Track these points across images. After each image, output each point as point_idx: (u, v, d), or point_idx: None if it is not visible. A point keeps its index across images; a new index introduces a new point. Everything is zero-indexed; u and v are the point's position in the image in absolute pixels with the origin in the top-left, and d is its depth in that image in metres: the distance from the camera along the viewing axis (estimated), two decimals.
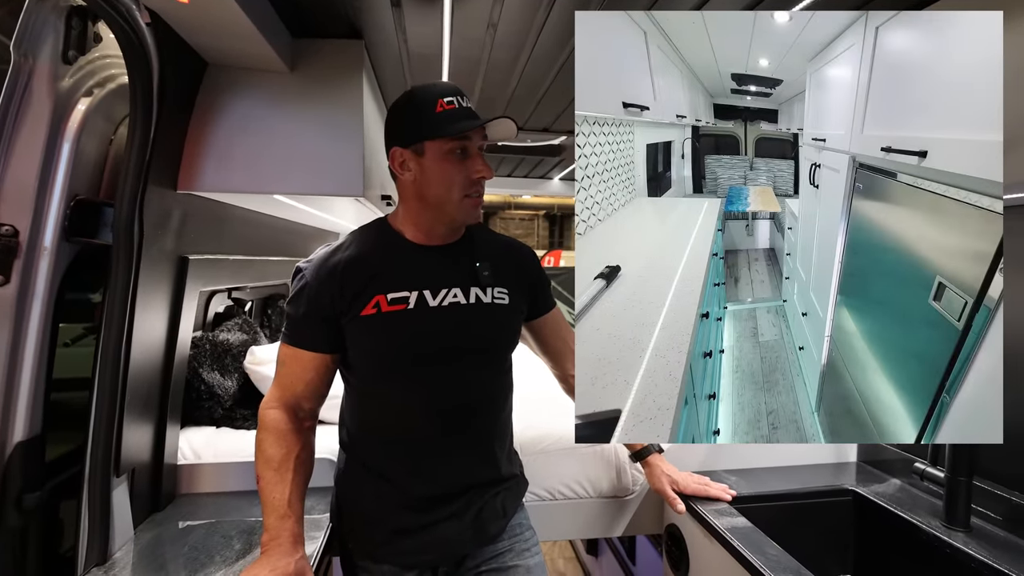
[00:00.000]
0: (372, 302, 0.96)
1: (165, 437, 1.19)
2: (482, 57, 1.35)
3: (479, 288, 1.02)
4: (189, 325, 1.24)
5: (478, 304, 1.01)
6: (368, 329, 0.96)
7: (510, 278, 1.06)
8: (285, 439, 0.97)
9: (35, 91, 0.94)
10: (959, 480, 1.13)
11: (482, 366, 1.03)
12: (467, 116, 0.95)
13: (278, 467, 0.95)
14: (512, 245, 1.14)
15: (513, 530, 1.09)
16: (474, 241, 1.07)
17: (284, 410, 0.99)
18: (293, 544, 0.91)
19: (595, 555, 2.61)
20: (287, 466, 0.95)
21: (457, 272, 1.01)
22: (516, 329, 1.09)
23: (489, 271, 1.03)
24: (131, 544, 1.06)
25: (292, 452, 0.97)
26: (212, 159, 1.16)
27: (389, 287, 0.97)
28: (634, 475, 1.43)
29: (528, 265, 1.12)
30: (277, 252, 1.81)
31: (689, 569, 1.27)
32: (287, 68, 1.18)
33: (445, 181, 0.96)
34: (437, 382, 0.98)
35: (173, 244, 1.15)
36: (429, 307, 0.97)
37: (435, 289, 0.99)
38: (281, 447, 0.96)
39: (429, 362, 0.98)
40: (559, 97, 1.63)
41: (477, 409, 1.03)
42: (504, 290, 1.04)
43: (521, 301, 1.09)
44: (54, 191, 0.98)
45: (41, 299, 0.97)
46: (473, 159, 0.97)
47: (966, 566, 1.05)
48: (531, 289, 1.11)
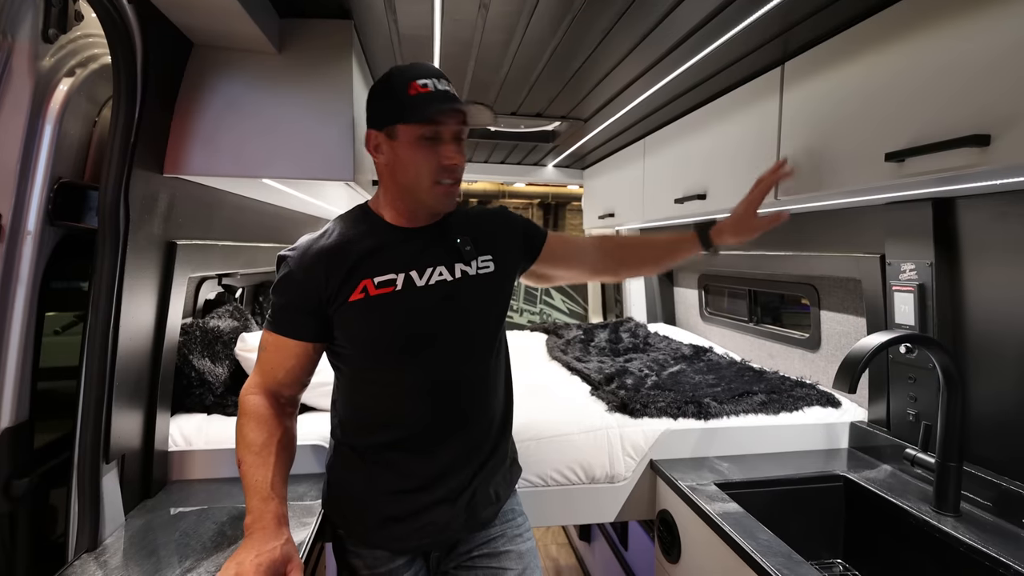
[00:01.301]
0: (359, 287, 0.95)
1: (155, 424, 1.18)
2: (474, 39, 1.32)
3: (463, 263, 1.02)
4: (178, 311, 1.23)
5: (464, 278, 1.01)
6: (357, 314, 0.95)
7: (492, 243, 1.07)
8: (266, 424, 0.96)
9: (15, 70, 0.92)
10: (949, 466, 1.13)
11: (474, 341, 1.03)
12: (441, 100, 0.92)
13: (259, 451, 0.94)
14: (483, 213, 1.14)
15: (505, 515, 1.09)
16: (450, 218, 1.07)
17: (265, 396, 0.98)
18: (278, 526, 0.89)
19: (588, 541, 2.63)
20: (269, 450, 0.94)
21: (440, 250, 1.01)
22: (505, 296, 1.09)
23: (470, 244, 1.04)
24: (122, 530, 1.06)
25: (273, 436, 0.96)
26: (199, 142, 1.14)
27: (375, 271, 0.96)
28: (627, 461, 1.44)
29: (502, 222, 1.13)
30: (268, 238, 1.80)
31: (681, 554, 1.27)
32: (274, 49, 1.15)
33: (415, 167, 0.95)
34: (429, 362, 0.98)
35: (160, 229, 1.14)
36: (417, 287, 0.97)
37: (421, 269, 0.98)
38: (262, 431, 0.95)
39: (420, 342, 0.97)
40: (553, 81, 1.61)
41: (470, 388, 1.03)
42: (488, 257, 1.05)
43: (510, 261, 1.10)
44: (37, 174, 0.96)
45: (25, 284, 0.96)
46: (446, 145, 0.95)
47: (955, 550, 1.06)
48: (517, 242, 1.13)
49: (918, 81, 0.97)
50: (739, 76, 1.48)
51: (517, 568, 1.05)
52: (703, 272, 2.54)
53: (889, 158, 0.99)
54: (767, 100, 1.38)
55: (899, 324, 1.33)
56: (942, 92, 0.93)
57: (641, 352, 2.20)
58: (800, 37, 1.23)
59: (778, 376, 1.77)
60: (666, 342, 2.33)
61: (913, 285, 1.28)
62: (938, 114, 0.93)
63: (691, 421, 1.46)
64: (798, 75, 1.28)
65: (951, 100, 0.91)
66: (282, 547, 0.87)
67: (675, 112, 1.86)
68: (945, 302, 1.24)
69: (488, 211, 1.16)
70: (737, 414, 1.50)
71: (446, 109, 0.92)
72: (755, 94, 1.44)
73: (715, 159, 1.64)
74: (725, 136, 1.58)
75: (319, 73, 1.19)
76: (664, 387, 1.66)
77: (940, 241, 1.23)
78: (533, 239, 1.16)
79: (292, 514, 1.11)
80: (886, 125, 1.03)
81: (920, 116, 0.96)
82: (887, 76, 1.03)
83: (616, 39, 1.31)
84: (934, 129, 0.93)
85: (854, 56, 1.11)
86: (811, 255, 1.68)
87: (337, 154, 1.18)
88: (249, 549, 0.85)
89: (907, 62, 0.99)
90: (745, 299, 2.26)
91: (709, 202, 1.66)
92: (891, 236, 1.34)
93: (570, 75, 1.56)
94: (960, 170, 0.90)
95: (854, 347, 1.10)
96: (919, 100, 0.97)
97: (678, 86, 1.60)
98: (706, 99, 1.69)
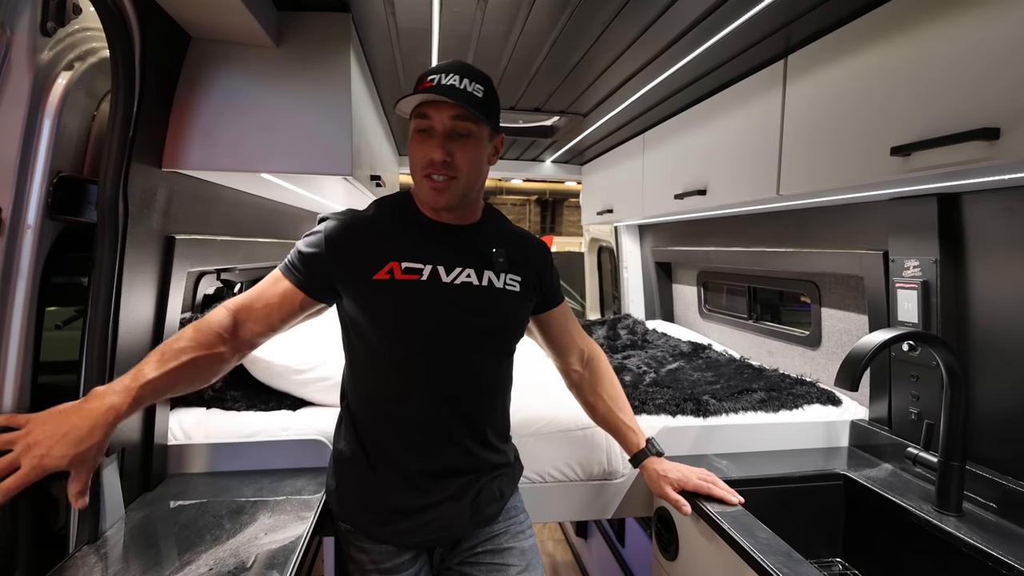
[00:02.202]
0: (386, 267, 0.96)
1: (155, 417, 1.18)
2: (472, 32, 1.31)
3: (492, 272, 1.02)
4: (177, 306, 1.23)
5: (490, 287, 1.01)
6: (378, 293, 0.96)
7: (523, 268, 1.07)
8: (201, 339, 0.91)
9: (14, 64, 0.92)
10: (952, 465, 1.12)
11: (487, 349, 1.03)
12: (434, 92, 0.92)
13: (165, 354, 0.88)
14: (528, 238, 1.14)
15: (508, 513, 1.10)
16: (491, 226, 1.07)
17: (230, 315, 0.96)
18: (105, 413, 0.80)
19: (584, 538, 2.63)
20: (179, 357, 0.88)
21: (472, 254, 1.02)
22: (524, 317, 1.09)
23: (504, 257, 1.04)
24: (122, 523, 1.07)
25: (193, 354, 0.90)
26: (197, 136, 1.14)
27: (405, 256, 0.97)
28: (624, 459, 1.43)
29: (542, 259, 1.13)
30: (265, 234, 1.80)
31: (679, 552, 1.27)
32: (272, 42, 1.15)
33: (412, 158, 0.97)
34: (440, 359, 0.98)
35: (159, 223, 1.14)
36: (442, 283, 0.98)
37: (449, 266, 0.99)
38: (189, 343, 0.90)
39: (434, 337, 0.97)
40: (552, 75, 1.60)
41: (479, 391, 1.03)
42: (517, 278, 1.05)
43: (532, 292, 1.09)
44: (36, 167, 0.96)
45: (26, 277, 0.96)
46: (434, 138, 0.94)
47: (957, 550, 1.05)
48: (541, 282, 1.12)
49: (925, 74, 0.96)
50: (741, 69, 1.47)
51: (520, 564, 1.06)
52: (702, 269, 2.52)
53: (895, 152, 0.98)
54: (770, 94, 1.36)
55: (902, 321, 1.32)
56: (950, 85, 0.91)
57: (639, 349, 2.20)
58: (804, 30, 1.22)
59: (778, 374, 1.76)
60: (664, 339, 2.32)
61: (917, 282, 1.26)
62: (946, 107, 0.91)
63: (690, 418, 1.46)
64: (801, 68, 1.26)
65: (959, 93, 0.89)
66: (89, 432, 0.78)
67: (676, 106, 1.84)
68: (950, 299, 1.23)
69: (534, 240, 1.15)
70: (736, 412, 1.49)
71: (405, 96, 0.92)
72: (757, 88, 1.42)
73: (716, 154, 1.62)
74: (726, 131, 1.57)
75: (317, 67, 1.18)
76: (662, 384, 1.66)
77: (945, 237, 1.21)
78: (548, 295, 1.16)
79: (289, 508, 1.12)
80: (891, 118, 1.02)
81: (927, 109, 0.95)
82: (893, 69, 1.02)
83: (616, 31, 1.30)
84: (942, 122, 0.92)
85: (859, 49, 1.10)
86: (812, 251, 1.66)
87: (335, 148, 1.18)
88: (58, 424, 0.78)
89: (914, 55, 0.98)
90: (744, 296, 2.25)
91: (709, 197, 1.65)
92: (895, 232, 1.33)
93: (569, 69, 1.55)
94: (968, 164, 0.88)
95: (856, 344, 1.09)
96: (926, 93, 0.95)
97: (679, 80, 1.59)
98: (707, 93, 1.67)
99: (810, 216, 1.63)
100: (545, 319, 1.18)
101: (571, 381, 1.26)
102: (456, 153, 0.94)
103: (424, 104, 0.93)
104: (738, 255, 2.05)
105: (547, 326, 1.19)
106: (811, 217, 1.62)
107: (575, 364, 1.24)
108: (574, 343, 1.23)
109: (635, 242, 2.97)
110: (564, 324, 1.20)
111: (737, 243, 2.05)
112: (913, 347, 1.31)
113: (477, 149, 0.96)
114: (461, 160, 0.94)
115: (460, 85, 0.93)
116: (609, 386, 1.25)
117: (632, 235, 2.98)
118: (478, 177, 1.00)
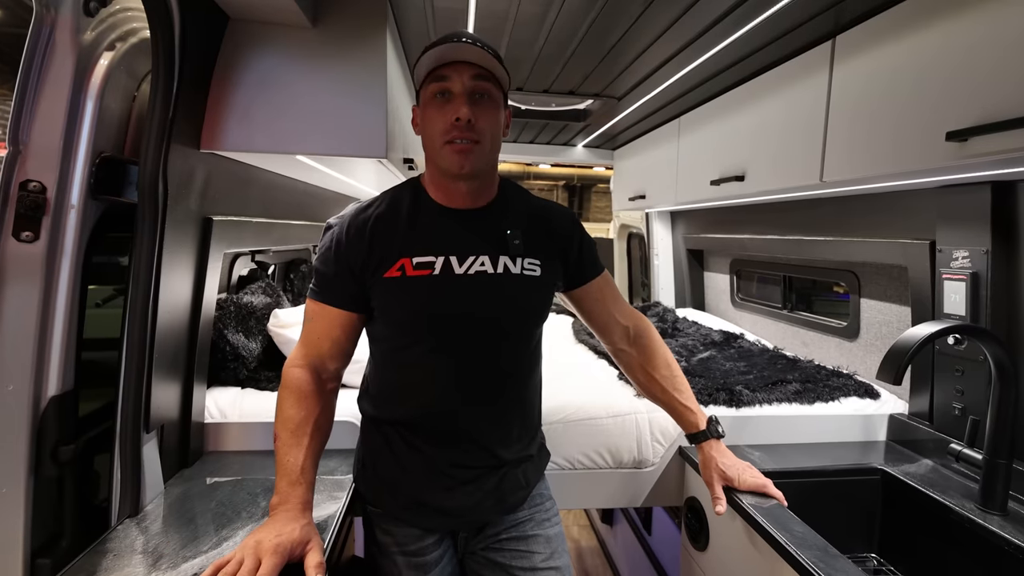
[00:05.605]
0: (397, 264, 0.94)
1: (192, 396, 1.21)
2: (509, 12, 1.28)
3: (508, 257, 0.97)
4: (214, 286, 1.25)
5: (506, 274, 0.97)
6: (390, 291, 0.94)
7: (543, 247, 1.01)
8: (306, 401, 0.96)
9: (58, 44, 0.93)
10: (998, 462, 1.09)
11: (506, 338, 1.00)
12: (449, 51, 0.88)
13: (295, 430, 0.94)
14: (551, 208, 1.07)
15: (534, 500, 1.09)
16: (508, 205, 1.02)
17: (308, 369, 0.98)
18: (301, 510, 0.89)
19: (610, 524, 2.63)
20: (304, 430, 0.94)
21: (486, 240, 0.97)
22: (546, 303, 1.04)
23: (520, 239, 0.98)
24: (161, 498, 1.09)
25: (311, 416, 0.96)
26: (234, 117, 1.14)
27: (416, 250, 0.94)
28: (655, 447, 1.42)
29: (568, 230, 1.06)
30: (299, 216, 1.81)
31: (709, 543, 1.26)
32: (309, 22, 1.14)
33: (429, 127, 0.92)
34: (459, 352, 0.96)
35: (197, 205, 1.15)
36: (455, 275, 0.94)
37: (462, 256, 0.95)
38: (301, 409, 0.95)
39: (450, 331, 0.95)
40: (587, 57, 1.56)
41: (501, 381, 1.00)
42: (536, 261, 1.00)
43: (554, 272, 1.04)
44: (79, 148, 0.97)
45: (70, 256, 0.98)
46: (455, 101, 0.90)
47: (1000, 550, 1.02)
48: (567, 257, 1.06)
49: (984, 55, 0.91)
50: (786, 51, 1.41)
51: (545, 552, 1.05)
52: (736, 257, 2.47)
53: (950, 137, 0.93)
54: (815, 76, 1.31)
55: (948, 314, 1.27)
56: (1010, 67, 0.86)
57: (669, 337, 2.17)
58: (854, 8, 1.16)
59: (813, 365, 1.72)
60: (695, 328, 2.29)
61: (966, 273, 1.22)
62: (1007, 90, 0.87)
63: (722, 408, 1.44)
64: (851, 49, 1.21)
65: (1021, 75, 0.85)
66: (301, 528, 0.87)
67: (714, 89, 1.79)
68: (1001, 292, 1.18)
69: (558, 210, 1.08)
70: (770, 403, 1.46)
71: (448, 56, 0.87)
72: (802, 69, 1.37)
73: (756, 138, 1.57)
74: (768, 114, 1.51)
75: (353, 47, 1.17)
76: (694, 373, 1.63)
77: (998, 227, 1.16)
78: (583, 267, 1.08)
79: (323, 488, 1.13)
80: (948, 102, 0.97)
81: (986, 92, 0.90)
82: (950, 50, 0.97)
83: (657, 10, 1.25)
84: (1002, 106, 0.87)
85: (913, 28, 1.04)
86: (852, 240, 1.61)
87: (370, 131, 1.17)
88: (270, 528, 0.85)
89: (972, 35, 0.93)
90: (778, 285, 2.19)
91: (747, 183, 1.60)
92: (943, 221, 1.27)
93: (606, 51, 1.51)
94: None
95: (901, 337, 1.06)
96: (985, 75, 0.90)
97: (719, 62, 1.54)
98: (749, 75, 1.62)
99: (851, 204, 1.57)
100: (579, 295, 1.11)
101: (621, 361, 1.20)
102: (479, 117, 0.90)
103: (442, 66, 0.90)
104: (774, 243, 2.00)
105: (581, 303, 1.12)
106: (852, 205, 1.57)
107: (620, 343, 1.16)
108: (614, 321, 1.13)
109: (666, 229, 2.92)
110: (601, 301, 1.12)
111: (773, 231, 2.00)
112: (959, 340, 1.26)
113: (496, 113, 0.93)
114: (484, 123, 0.91)
115: (477, 45, 0.90)
116: (662, 365, 1.16)
117: (663, 221, 2.93)
118: (498, 146, 0.97)
